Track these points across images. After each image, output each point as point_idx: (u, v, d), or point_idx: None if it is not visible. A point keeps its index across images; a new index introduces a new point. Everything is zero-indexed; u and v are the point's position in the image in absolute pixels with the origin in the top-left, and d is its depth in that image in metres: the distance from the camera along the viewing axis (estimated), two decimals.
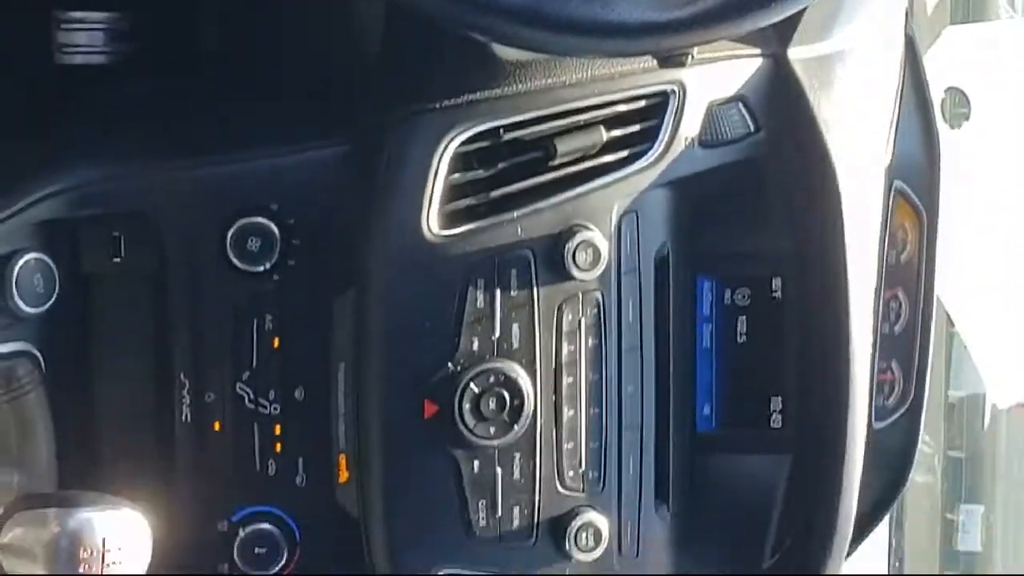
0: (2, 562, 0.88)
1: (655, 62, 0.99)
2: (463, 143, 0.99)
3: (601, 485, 1.03)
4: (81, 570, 0.85)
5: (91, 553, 0.85)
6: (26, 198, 0.98)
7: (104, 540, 0.85)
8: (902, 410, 1.13)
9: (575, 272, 0.99)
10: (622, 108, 1.02)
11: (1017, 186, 1.86)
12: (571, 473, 1.02)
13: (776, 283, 1.08)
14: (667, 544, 1.06)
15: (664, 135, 1.02)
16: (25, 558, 0.86)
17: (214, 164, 1.04)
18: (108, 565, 0.85)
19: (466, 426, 0.98)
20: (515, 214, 0.99)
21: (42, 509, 0.87)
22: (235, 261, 1.05)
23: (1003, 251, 1.87)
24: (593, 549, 1.02)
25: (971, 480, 1.98)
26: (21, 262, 0.98)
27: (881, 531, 1.32)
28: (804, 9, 0.94)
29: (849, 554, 1.08)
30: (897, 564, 1.54)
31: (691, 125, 1.02)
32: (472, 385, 0.98)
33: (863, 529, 1.11)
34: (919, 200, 1.12)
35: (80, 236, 1.05)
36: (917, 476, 1.17)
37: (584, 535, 1.01)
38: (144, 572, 0.88)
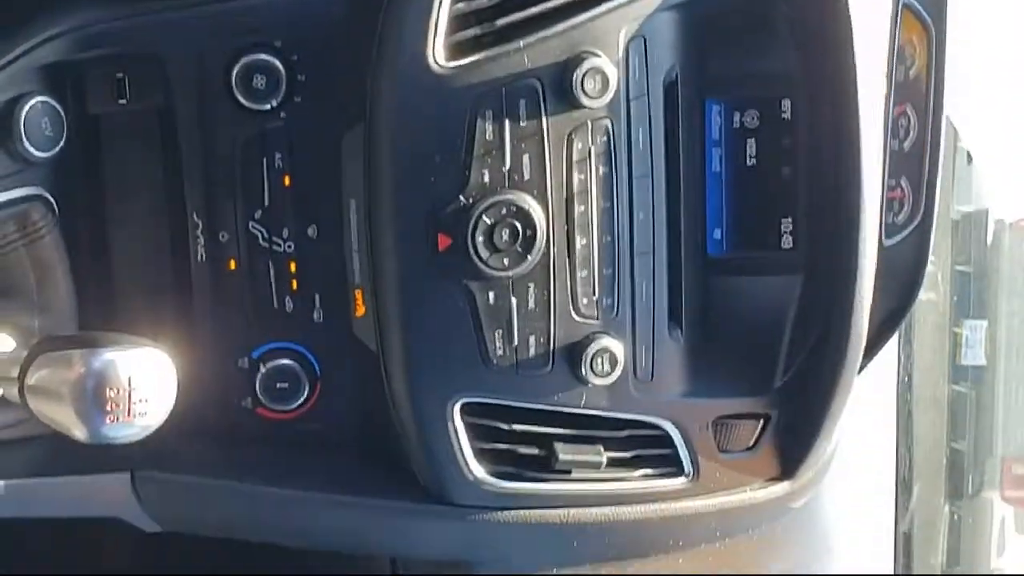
0: (29, 403, 0.89)
1: None
2: None
3: (615, 311, 1.04)
4: (109, 409, 0.86)
5: (118, 392, 0.86)
6: (30, 40, 0.97)
7: (130, 379, 0.86)
8: (912, 226, 1.13)
9: (584, 100, 0.99)
10: None
11: None
12: (585, 301, 1.03)
13: (785, 104, 1.07)
14: (681, 366, 1.07)
15: None
16: (52, 399, 0.87)
17: (215, 1, 1.02)
18: (135, 403, 0.86)
19: (480, 258, 0.99)
20: (521, 43, 0.98)
21: (66, 350, 0.87)
22: (241, 99, 1.04)
23: (1011, 65, 1.85)
24: (609, 374, 1.03)
25: (977, 294, 1.99)
26: (28, 106, 0.98)
27: (890, 347, 1.34)
28: None
29: (860, 370, 1.10)
30: (907, 379, 1.57)
31: None
32: (484, 217, 0.98)
33: (874, 345, 1.12)
34: (927, 14, 1.10)
35: (85, 78, 1.04)
36: (921, 293, 1.18)
37: (599, 360, 1.02)
38: (170, 409, 0.89)
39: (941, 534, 1.89)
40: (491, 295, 1.01)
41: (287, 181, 1.07)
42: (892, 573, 1.50)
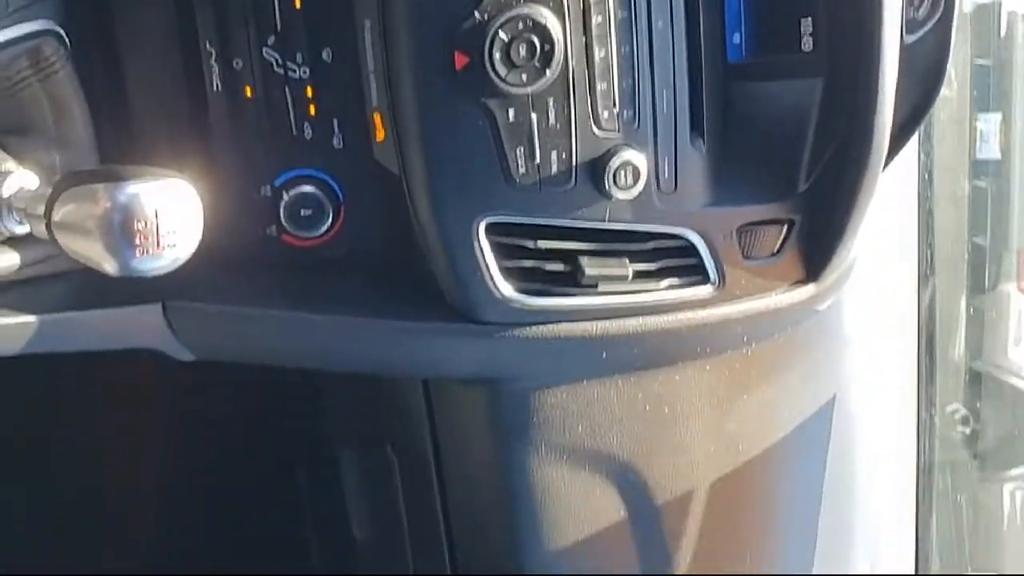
0: (58, 239, 0.90)
1: None
2: None
3: (636, 123, 1.03)
4: (137, 242, 0.86)
5: (145, 225, 0.86)
6: None
7: (156, 211, 0.86)
8: (933, 21, 1.11)
9: None
10: None
11: None
12: (606, 114, 1.02)
13: None
14: (704, 175, 1.06)
15: None
16: (79, 234, 0.88)
17: None
18: (163, 235, 0.87)
19: (498, 75, 0.98)
20: None
21: (90, 185, 0.87)
22: None
23: None
24: (631, 187, 1.02)
25: (997, 87, 1.97)
26: None
27: (911, 145, 1.33)
28: None
29: (883, 169, 1.09)
30: (927, 177, 1.56)
31: None
32: (501, 33, 0.97)
33: (895, 144, 1.12)
34: None
35: None
36: None
37: (622, 173, 1.02)
38: (198, 240, 0.90)
39: (961, 328, 1.91)
40: (511, 112, 1.00)
41: (298, 3, 1.05)
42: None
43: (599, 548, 1.20)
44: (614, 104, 1.02)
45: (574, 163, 1.02)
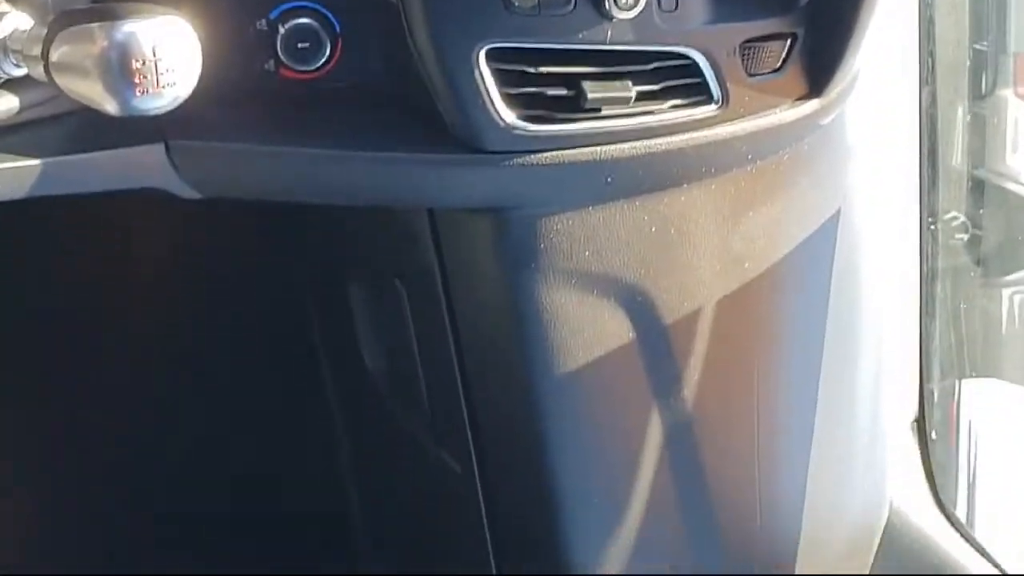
0: (56, 80, 0.89)
1: None
2: None
3: None
4: (136, 81, 0.85)
5: (143, 63, 0.85)
6: None
7: (154, 49, 0.85)
8: None
9: None
10: None
11: None
12: None
13: None
14: None
15: None
16: (78, 75, 0.87)
17: None
18: (162, 74, 0.86)
19: None
20: None
21: (86, 25, 0.86)
22: None
23: None
24: (632, 7, 1.01)
25: None
26: None
27: None
28: None
29: None
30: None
31: None
32: None
33: None
34: None
35: None
36: None
37: None
38: (197, 77, 0.89)
39: (961, 136, 1.90)
40: None
41: None
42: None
43: (608, 369, 1.22)
44: None
45: None
